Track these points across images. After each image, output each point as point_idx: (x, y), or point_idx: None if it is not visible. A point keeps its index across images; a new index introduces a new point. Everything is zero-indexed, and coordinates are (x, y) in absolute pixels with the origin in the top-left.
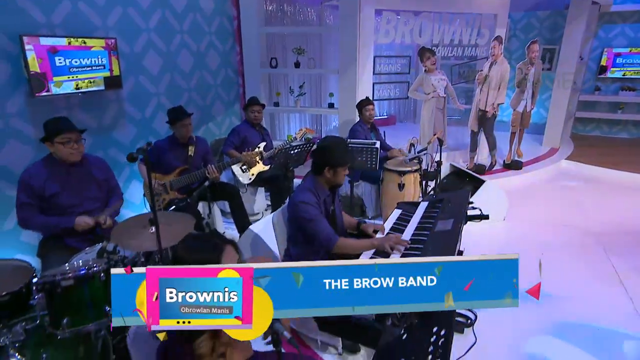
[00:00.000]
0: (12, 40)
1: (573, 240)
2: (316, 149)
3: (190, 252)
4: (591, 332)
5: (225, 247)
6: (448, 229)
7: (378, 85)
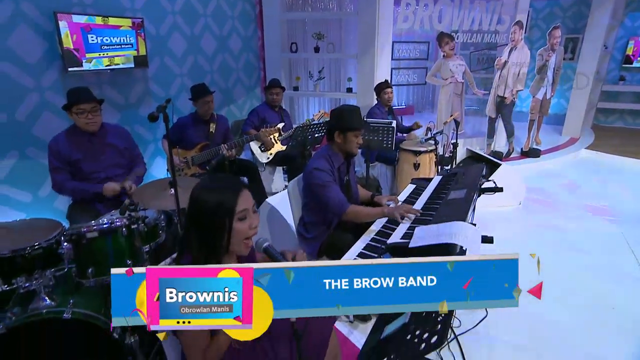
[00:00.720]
0: (46, 17)
1: (593, 227)
2: (330, 115)
3: (208, 192)
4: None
5: (243, 190)
6: (461, 197)
7: (396, 71)
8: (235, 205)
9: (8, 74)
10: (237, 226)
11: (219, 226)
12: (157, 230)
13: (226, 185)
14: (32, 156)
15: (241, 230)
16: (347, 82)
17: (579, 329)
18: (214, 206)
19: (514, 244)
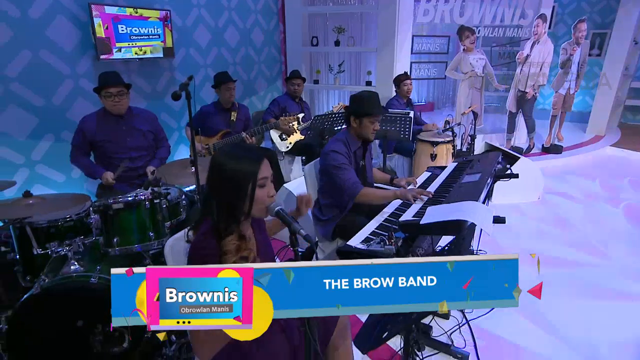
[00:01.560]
0: (82, 8)
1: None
2: (350, 99)
3: (232, 159)
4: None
5: (264, 159)
6: (475, 180)
7: (416, 65)
8: (258, 172)
9: (47, 61)
10: (258, 192)
11: (242, 192)
12: (178, 208)
13: (249, 154)
14: (66, 139)
15: (261, 197)
16: (367, 75)
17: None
18: (238, 172)
19: (528, 239)
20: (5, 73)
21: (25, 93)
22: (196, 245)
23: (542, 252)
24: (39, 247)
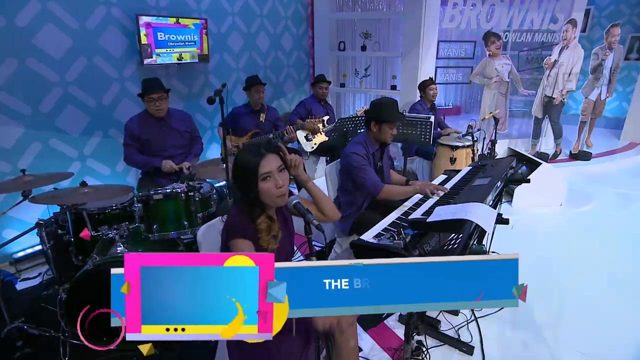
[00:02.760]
0: (130, 18)
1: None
2: (370, 105)
3: (241, 155)
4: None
5: (267, 155)
6: (484, 184)
7: (441, 70)
8: (257, 168)
9: (99, 66)
10: (261, 185)
11: (247, 184)
12: (209, 201)
13: (253, 151)
14: (113, 136)
15: (267, 189)
16: (392, 79)
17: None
18: (242, 167)
19: (547, 244)
20: (65, 78)
21: (81, 95)
22: (233, 220)
23: (552, 257)
24: (93, 230)
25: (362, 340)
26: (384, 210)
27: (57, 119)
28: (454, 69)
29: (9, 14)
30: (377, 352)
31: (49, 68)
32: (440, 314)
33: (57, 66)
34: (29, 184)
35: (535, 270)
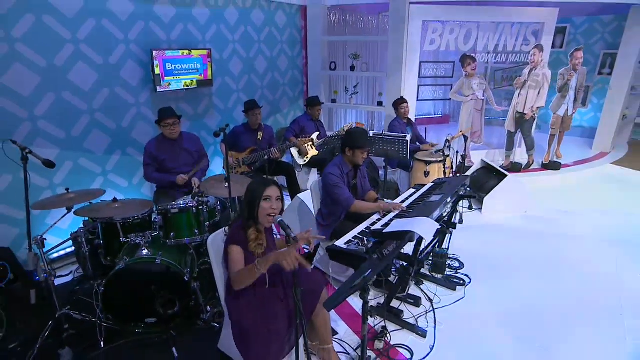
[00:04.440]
0: (146, 53)
1: (585, 236)
2: (345, 134)
3: (253, 183)
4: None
5: (271, 185)
6: (436, 200)
7: (423, 87)
8: (263, 192)
9: (119, 94)
10: (262, 204)
11: (253, 200)
12: (215, 212)
13: (263, 182)
14: (130, 154)
15: (264, 207)
16: (379, 96)
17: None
18: (252, 189)
19: (506, 245)
20: (92, 106)
21: (104, 120)
22: (231, 232)
23: (510, 257)
24: (123, 236)
25: (338, 327)
26: (358, 221)
27: (85, 141)
28: (435, 87)
29: (50, 56)
30: (350, 335)
31: (79, 99)
32: (403, 304)
33: (86, 97)
34: (72, 200)
35: (494, 268)
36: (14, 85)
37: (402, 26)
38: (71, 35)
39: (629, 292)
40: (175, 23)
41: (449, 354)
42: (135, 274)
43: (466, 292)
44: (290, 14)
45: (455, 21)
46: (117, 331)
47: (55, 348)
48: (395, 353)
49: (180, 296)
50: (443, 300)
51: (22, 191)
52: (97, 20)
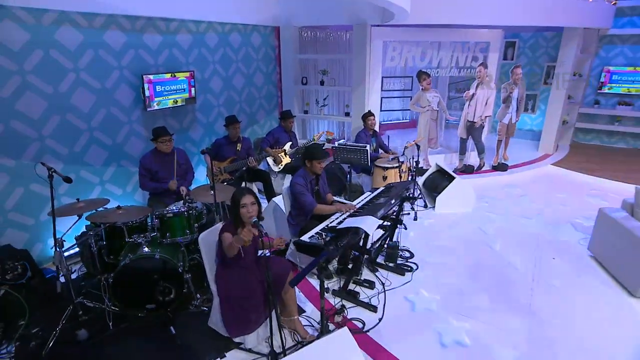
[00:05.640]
0: (137, 77)
1: (520, 228)
2: (304, 149)
3: (234, 194)
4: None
5: (245, 195)
6: (382, 202)
7: (385, 100)
8: (240, 201)
9: (114, 114)
10: (241, 210)
11: (235, 208)
12: (202, 215)
13: (239, 192)
14: (124, 165)
15: (242, 212)
16: (346, 107)
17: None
18: (234, 199)
19: (451, 238)
20: (91, 125)
21: (102, 136)
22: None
23: (454, 247)
24: (128, 236)
25: (306, 306)
26: (322, 219)
27: (85, 155)
28: (396, 99)
29: (55, 84)
30: (315, 313)
31: (80, 119)
32: (359, 287)
33: (86, 117)
34: (82, 208)
35: (439, 256)
36: (26, 110)
37: (365, 46)
38: (73, 65)
39: (540, 269)
40: (162, 49)
41: (393, 323)
42: (138, 267)
43: (413, 277)
44: (265, 34)
45: (412, 41)
46: (123, 316)
47: (72, 330)
48: (351, 325)
49: (175, 285)
50: (393, 283)
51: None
52: (95, 51)
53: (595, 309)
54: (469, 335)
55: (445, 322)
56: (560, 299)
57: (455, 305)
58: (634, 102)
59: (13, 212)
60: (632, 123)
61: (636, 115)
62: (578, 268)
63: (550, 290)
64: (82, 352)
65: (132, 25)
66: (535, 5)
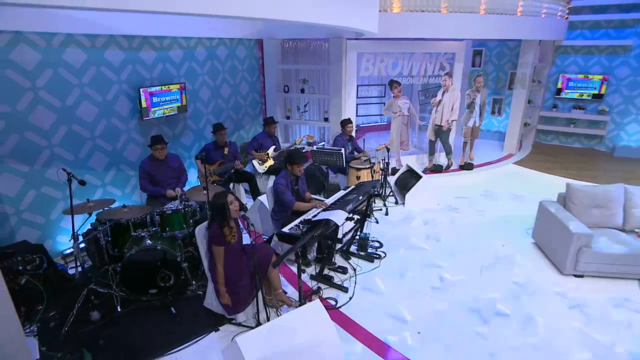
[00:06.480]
0: (134, 90)
1: (478, 220)
2: (286, 154)
3: (215, 197)
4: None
5: (227, 195)
6: (351, 198)
7: (361, 105)
8: (226, 200)
9: (114, 124)
10: (230, 207)
11: (223, 208)
12: (195, 212)
13: (222, 195)
14: (123, 169)
15: (232, 209)
16: (325, 113)
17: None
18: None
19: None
20: (94, 134)
21: (103, 144)
22: (212, 232)
23: (419, 236)
24: (133, 230)
25: (287, 288)
26: (301, 214)
27: (89, 161)
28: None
29: (63, 98)
30: (295, 293)
31: (84, 129)
32: (334, 272)
33: (89, 127)
34: (92, 207)
35: (405, 245)
36: (38, 122)
37: (341, 58)
38: (78, 81)
39: (491, 254)
40: (156, 64)
41: (361, 301)
42: (142, 257)
43: (381, 264)
44: (249, 47)
45: (384, 52)
46: (129, 299)
47: (86, 312)
48: (325, 303)
49: (174, 273)
50: (363, 269)
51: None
52: (97, 67)
53: (531, 283)
54: (431, 311)
55: (407, 299)
56: (504, 276)
57: (417, 285)
58: (586, 106)
59: (27, 212)
60: (585, 125)
61: (588, 118)
62: (521, 252)
63: (497, 270)
64: (95, 329)
65: (129, 44)
66: (492, 21)
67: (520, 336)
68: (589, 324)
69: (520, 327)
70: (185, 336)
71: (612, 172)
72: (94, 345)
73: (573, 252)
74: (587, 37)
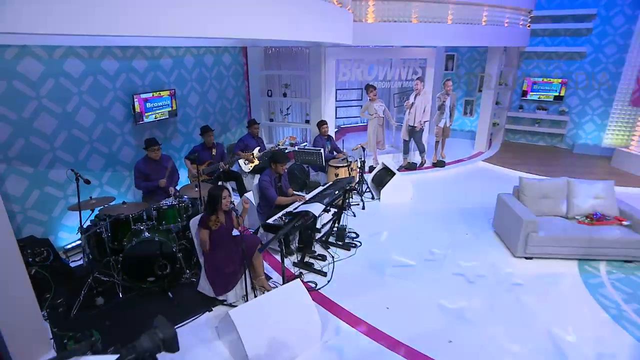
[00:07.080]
0: (128, 96)
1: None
2: (271, 155)
3: (213, 188)
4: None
5: (223, 190)
6: (328, 193)
7: (340, 108)
8: (221, 194)
9: (110, 128)
10: (223, 201)
11: (216, 200)
12: (188, 208)
13: (219, 189)
14: (119, 170)
15: (223, 202)
16: (306, 116)
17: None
18: (215, 195)
19: (389, 221)
20: (92, 137)
21: (100, 147)
22: (201, 219)
23: (391, 228)
24: (133, 224)
25: (272, 274)
26: (284, 208)
27: (87, 162)
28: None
29: (63, 105)
30: (279, 279)
31: (83, 133)
32: (314, 260)
33: (87, 131)
34: (95, 204)
35: (380, 235)
36: (41, 127)
37: (320, 64)
38: (77, 89)
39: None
40: (148, 72)
41: (338, 284)
42: (141, 248)
43: (357, 252)
44: (234, 54)
45: (360, 59)
46: (129, 287)
47: (91, 298)
48: (306, 285)
49: (170, 262)
50: (341, 256)
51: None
52: (94, 76)
53: (487, 263)
54: (399, 290)
55: (381, 283)
56: (466, 258)
57: (390, 271)
58: (549, 107)
59: (31, 209)
60: (548, 125)
61: (550, 118)
62: (481, 239)
63: (460, 254)
64: (100, 313)
65: (123, 54)
66: (459, 30)
67: (468, 296)
68: (525, 294)
69: (470, 291)
70: (182, 316)
71: (570, 167)
72: (101, 326)
73: (523, 237)
74: (548, 43)
